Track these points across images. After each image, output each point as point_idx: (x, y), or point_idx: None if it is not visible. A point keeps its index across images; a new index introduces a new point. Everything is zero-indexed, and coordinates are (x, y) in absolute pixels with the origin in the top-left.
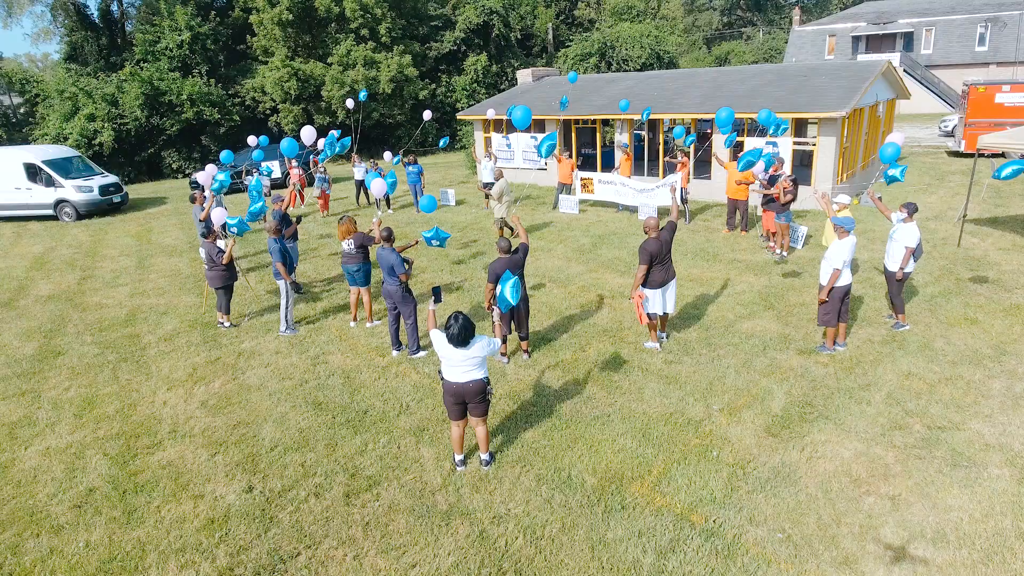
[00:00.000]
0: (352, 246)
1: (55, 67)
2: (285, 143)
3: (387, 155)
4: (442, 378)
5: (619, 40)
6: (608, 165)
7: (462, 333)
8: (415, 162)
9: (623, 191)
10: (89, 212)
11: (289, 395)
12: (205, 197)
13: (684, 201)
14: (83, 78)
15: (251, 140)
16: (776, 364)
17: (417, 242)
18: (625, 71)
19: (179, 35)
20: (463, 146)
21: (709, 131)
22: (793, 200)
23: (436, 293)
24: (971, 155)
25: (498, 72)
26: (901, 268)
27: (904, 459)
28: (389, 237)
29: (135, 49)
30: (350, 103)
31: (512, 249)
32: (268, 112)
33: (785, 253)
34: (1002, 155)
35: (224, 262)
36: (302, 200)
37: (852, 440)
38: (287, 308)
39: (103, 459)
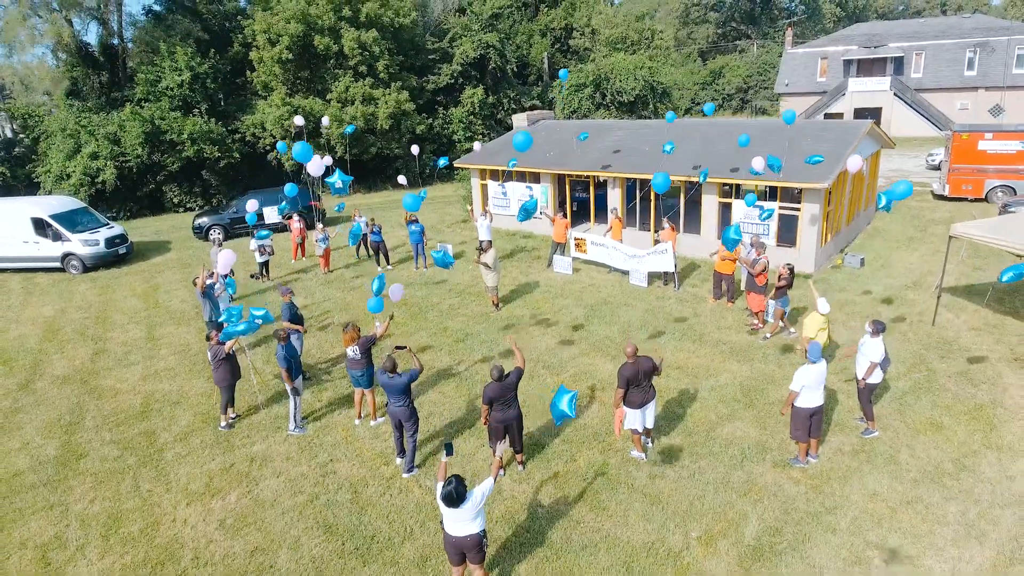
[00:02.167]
0: (357, 353)
1: (52, 75)
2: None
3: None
4: (443, 528)
5: (613, 72)
6: (601, 208)
7: (450, 498)
8: (416, 220)
9: (614, 255)
10: (95, 265)
11: (301, 514)
12: (213, 275)
13: (674, 267)
14: (84, 115)
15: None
16: (752, 480)
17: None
18: (619, 103)
19: (179, 75)
20: (459, 178)
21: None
22: (789, 287)
23: (448, 448)
24: (955, 199)
25: (494, 103)
26: (864, 379)
27: None
28: (393, 368)
29: (137, 88)
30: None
31: (504, 374)
32: (268, 148)
33: (769, 335)
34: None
35: (226, 352)
36: (303, 253)
37: None
38: (295, 409)
39: None
